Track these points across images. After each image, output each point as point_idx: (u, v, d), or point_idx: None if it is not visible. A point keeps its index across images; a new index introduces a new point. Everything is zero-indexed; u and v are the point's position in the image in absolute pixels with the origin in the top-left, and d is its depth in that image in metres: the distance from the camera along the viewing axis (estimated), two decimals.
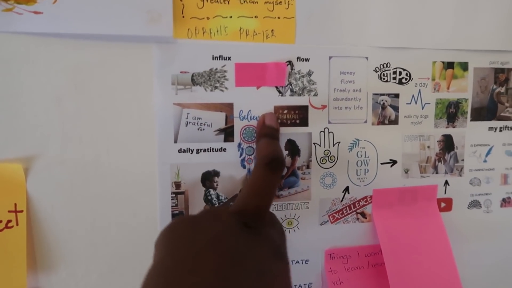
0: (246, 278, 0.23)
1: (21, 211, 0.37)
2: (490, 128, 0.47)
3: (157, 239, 0.27)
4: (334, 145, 0.43)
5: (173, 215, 0.40)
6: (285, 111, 0.41)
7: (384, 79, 0.43)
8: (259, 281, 0.24)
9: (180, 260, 0.24)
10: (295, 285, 0.44)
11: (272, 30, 0.40)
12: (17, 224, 0.37)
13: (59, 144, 0.38)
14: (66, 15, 0.35)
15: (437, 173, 0.46)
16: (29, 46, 0.36)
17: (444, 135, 0.46)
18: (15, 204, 0.37)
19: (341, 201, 0.44)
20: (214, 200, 0.41)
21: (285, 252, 0.30)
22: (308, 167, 0.43)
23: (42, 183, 0.38)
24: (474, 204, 0.48)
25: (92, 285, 0.40)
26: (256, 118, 0.41)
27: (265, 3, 0.40)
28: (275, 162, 0.33)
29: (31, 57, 0.36)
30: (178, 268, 0.23)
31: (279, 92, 0.41)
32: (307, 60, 0.41)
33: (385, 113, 0.44)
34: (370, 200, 0.45)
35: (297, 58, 0.41)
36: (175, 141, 0.39)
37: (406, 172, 0.45)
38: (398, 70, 0.44)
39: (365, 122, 0.44)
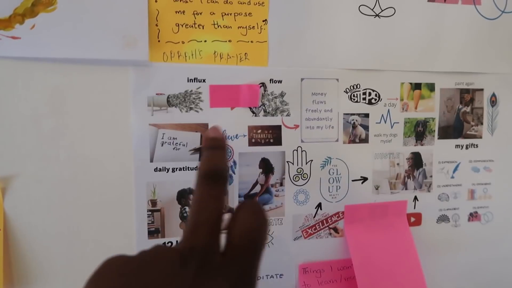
0: None
1: None
2: (457, 146, 0.49)
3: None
4: (306, 163, 0.45)
5: (149, 232, 0.41)
6: (259, 131, 0.43)
7: (354, 99, 0.45)
8: None
9: None
10: None
11: (245, 53, 0.42)
12: None
13: (37, 163, 0.39)
14: (44, 40, 0.37)
15: (406, 189, 0.48)
16: (7, 70, 0.37)
17: (412, 153, 0.48)
18: None
19: (314, 217, 0.46)
20: None
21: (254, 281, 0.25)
22: (281, 184, 0.44)
23: (20, 201, 0.39)
24: (443, 218, 0.50)
25: None
26: (231, 137, 0.42)
27: (238, 27, 0.41)
28: (213, 176, 0.27)
29: (9, 80, 0.37)
30: None
31: (253, 112, 0.43)
32: (280, 82, 0.43)
33: (356, 132, 0.46)
34: (342, 215, 0.46)
35: (270, 80, 0.43)
36: (151, 160, 0.41)
37: (377, 189, 0.47)
38: (368, 91, 0.46)
39: (337, 140, 0.45)
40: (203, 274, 0.22)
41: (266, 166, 0.44)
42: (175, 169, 0.41)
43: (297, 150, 0.44)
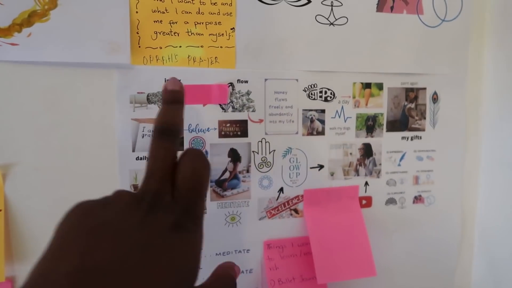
0: (127, 256, 0.23)
1: (0, 210, 0.43)
2: (403, 138, 0.56)
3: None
4: (270, 153, 0.51)
5: None
6: (228, 125, 0.49)
7: (312, 97, 0.52)
8: (144, 256, 0.24)
9: (59, 245, 0.24)
10: None
11: (215, 57, 0.48)
12: None
13: (34, 153, 0.44)
14: (39, 46, 0.42)
15: (358, 175, 0.55)
16: (7, 72, 0.42)
17: (364, 144, 0.54)
18: None
19: (277, 199, 0.52)
20: None
21: (186, 223, 0.27)
22: (248, 171, 0.51)
23: (19, 186, 0.44)
24: (391, 201, 0.56)
25: None
26: (203, 130, 0.48)
27: (209, 35, 0.47)
28: (166, 130, 0.30)
29: (9, 81, 0.43)
30: (57, 251, 0.24)
31: (223, 108, 0.49)
32: (246, 82, 0.49)
33: (313, 125, 0.52)
34: (301, 198, 0.53)
35: (237, 80, 0.49)
36: (133, 150, 0.47)
37: (332, 175, 0.54)
38: (324, 89, 0.52)
39: (296, 133, 0.52)
40: (153, 212, 0.26)
41: (234, 156, 0.50)
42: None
43: (261, 141, 0.51)
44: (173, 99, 0.33)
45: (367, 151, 0.54)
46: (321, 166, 0.53)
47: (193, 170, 0.29)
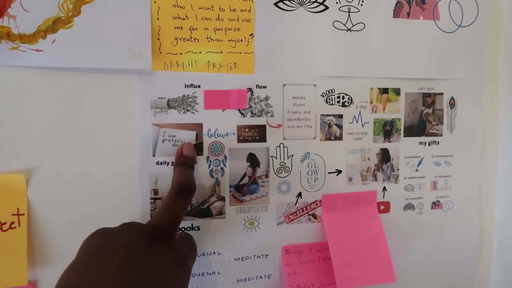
0: (144, 274, 0.29)
1: (23, 214, 0.43)
2: (421, 143, 0.56)
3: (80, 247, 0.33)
4: (288, 158, 0.51)
5: (152, 217, 0.47)
6: (247, 130, 0.49)
7: (329, 102, 0.52)
8: (155, 277, 0.30)
9: (91, 260, 0.29)
10: (257, 276, 0.52)
11: (235, 63, 0.48)
12: (19, 225, 0.43)
13: (55, 158, 0.44)
14: (63, 52, 0.43)
15: (376, 180, 0.55)
16: (31, 78, 0.43)
17: (381, 149, 0.54)
18: (18, 208, 0.43)
19: (295, 204, 0.52)
20: None
21: (190, 265, 0.37)
22: (267, 176, 0.51)
23: (41, 190, 0.44)
24: (409, 206, 0.56)
25: None
26: (222, 135, 0.49)
27: (228, 41, 0.48)
28: (185, 189, 0.39)
29: (32, 86, 0.43)
30: (89, 265, 0.29)
31: (241, 114, 0.49)
32: (265, 87, 0.50)
33: (331, 130, 0.52)
34: (319, 203, 0.53)
35: (256, 85, 0.49)
36: (154, 155, 0.47)
37: (350, 180, 0.54)
38: (341, 95, 0.52)
39: (314, 138, 0.52)
40: (159, 246, 0.33)
41: (253, 160, 0.50)
42: (173, 162, 0.48)
43: (279, 146, 0.51)
44: (186, 164, 0.43)
45: (384, 156, 0.54)
46: (339, 171, 0.53)
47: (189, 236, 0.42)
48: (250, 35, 0.48)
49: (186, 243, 0.39)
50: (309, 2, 0.49)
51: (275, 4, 0.49)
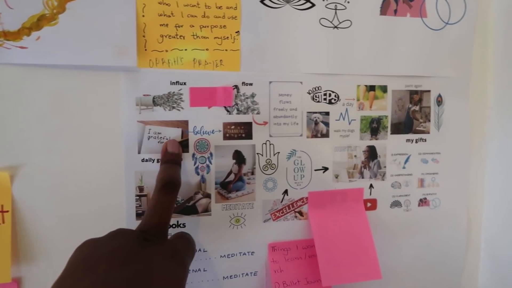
0: (132, 275, 0.29)
1: (7, 211, 0.44)
2: (408, 140, 0.56)
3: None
4: (274, 155, 0.51)
5: (137, 214, 0.48)
6: (233, 127, 0.50)
7: (316, 100, 0.52)
8: (145, 276, 0.30)
9: (78, 269, 0.30)
10: (243, 274, 0.52)
11: (220, 60, 0.48)
12: (3, 222, 0.43)
13: (40, 155, 0.45)
14: (48, 49, 0.43)
15: (363, 178, 0.55)
16: (16, 75, 0.43)
17: (368, 146, 0.55)
18: (2, 206, 0.43)
19: (281, 201, 0.52)
20: None
21: (186, 260, 0.36)
22: (253, 173, 0.51)
23: (26, 187, 0.44)
24: (396, 204, 0.56)
25: None
26: (208, 133, 0.49)
27: (214, 38, 0.48)
28: (168, 185, 0.39)
29: (17, 83, 0.43)
30: (77, 274, 0.29)
31: (227, 111, 0.49)
32: (251, 84, 0.50)
33: (318, 128, 0.53)
34: (306, 201, 0.53)
35: (242, 83, 0.49)
36: (139, 152, 0.47)
37: (336, 177, 0.54)
38: (328, 92, 0.52)
39: (301, 135, 0.52)
40: (149, 246, 0.33)
41: (239, 158, 0.50)
42: (159, 160, 0.48)
43: (266, 144, 0.51)
44: (172, 160, 0.44)
45: (371, 153, 0.55)
46: (325, 169, 0.53)
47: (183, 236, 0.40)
48: (236, 32, 0.48)
49: (181, 239, 0.39)
50: None
51: (261, 1, 0.49)
